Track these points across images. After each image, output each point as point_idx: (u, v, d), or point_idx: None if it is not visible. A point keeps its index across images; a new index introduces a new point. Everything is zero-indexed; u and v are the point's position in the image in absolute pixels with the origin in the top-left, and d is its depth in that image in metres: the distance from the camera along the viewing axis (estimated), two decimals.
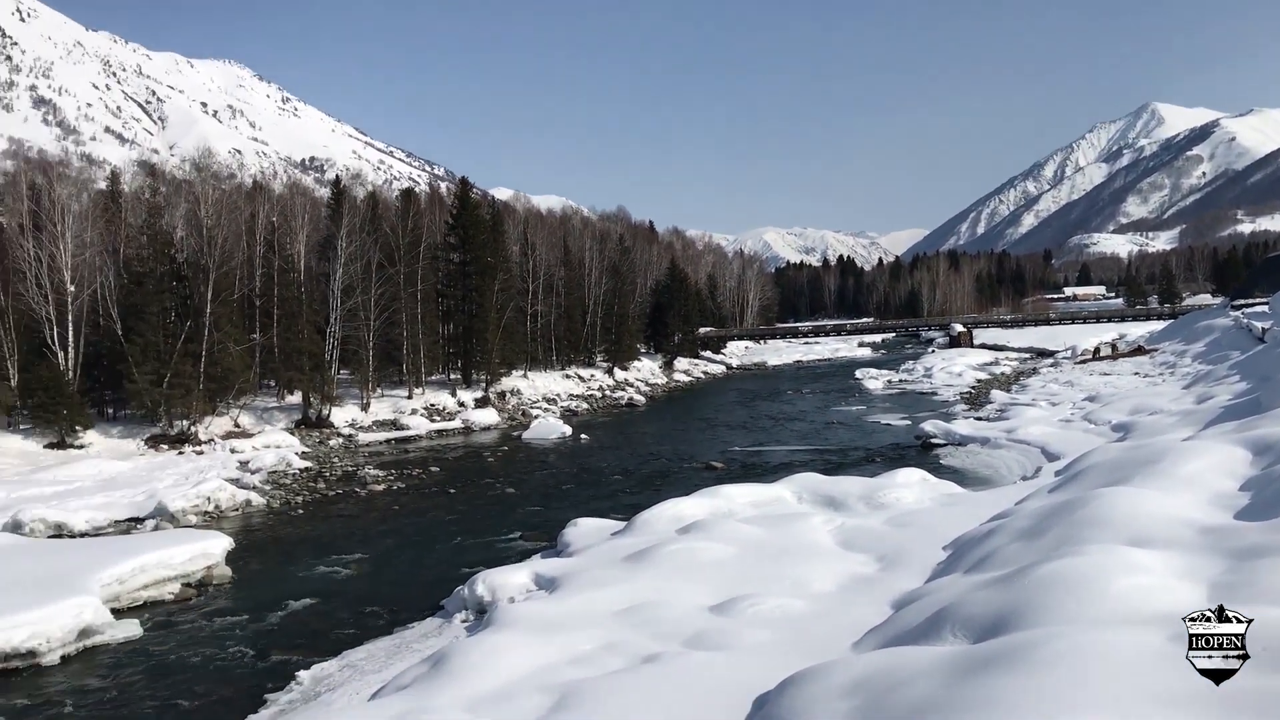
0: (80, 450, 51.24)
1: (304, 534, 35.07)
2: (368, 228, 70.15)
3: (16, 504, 37.35)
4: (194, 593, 26.83)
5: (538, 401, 77.52)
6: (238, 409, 58.94)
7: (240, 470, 47.36)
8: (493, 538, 33.16)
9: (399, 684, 16.74)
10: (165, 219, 64.01)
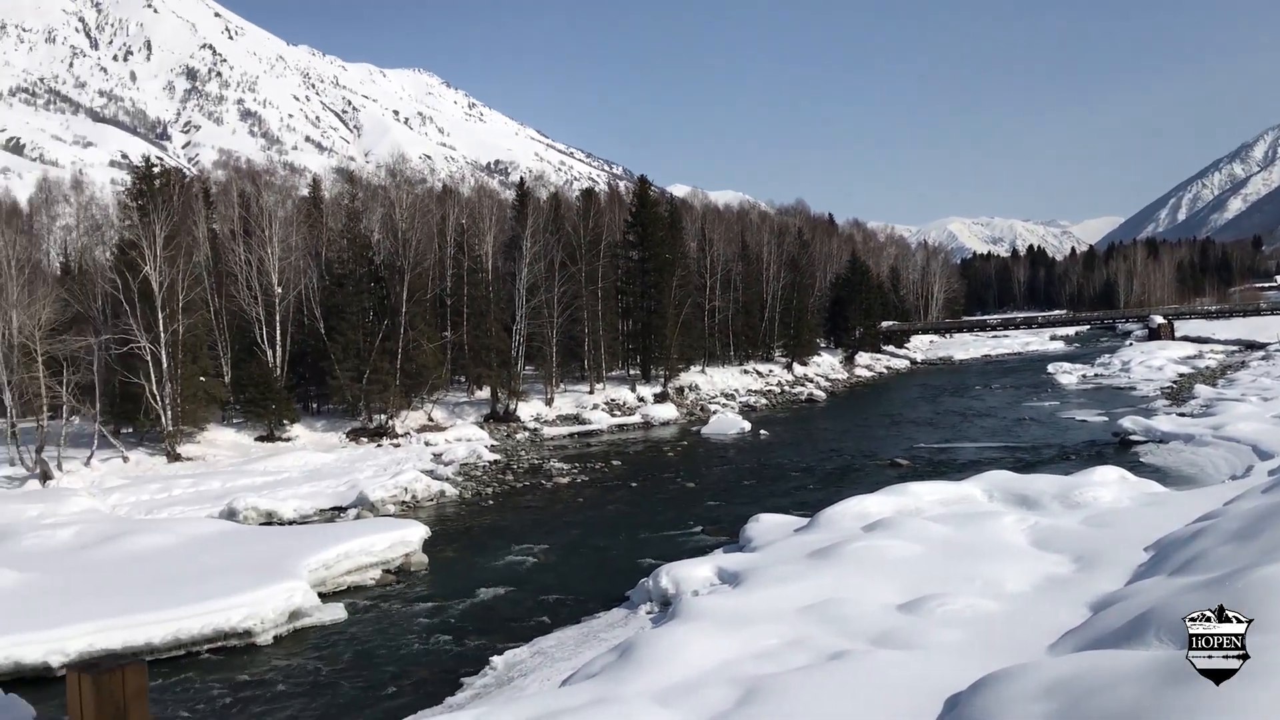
0: (287, 443, 54.35)
1: (494, 524, 36.25)
2: (550, 228, 71.81)
3: (231, 493, 39.96)
4: (394, 579, 28.12)
5: (716, 397, 77.72)
6: (431, 404, 61.35)
7: (434, 462, 49.28)
8: (674, 531, 33.51)
9: (588, 672, 17.16)
10: (363, 223, 67.23)
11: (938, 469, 43.29)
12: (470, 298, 66.98)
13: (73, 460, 45.70)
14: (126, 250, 51.90)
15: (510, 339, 66.15)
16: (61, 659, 20.30)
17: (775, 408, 76.17)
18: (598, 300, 73.04)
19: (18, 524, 32.34)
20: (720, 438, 58.58)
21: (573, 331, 70.88)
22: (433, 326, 63.81)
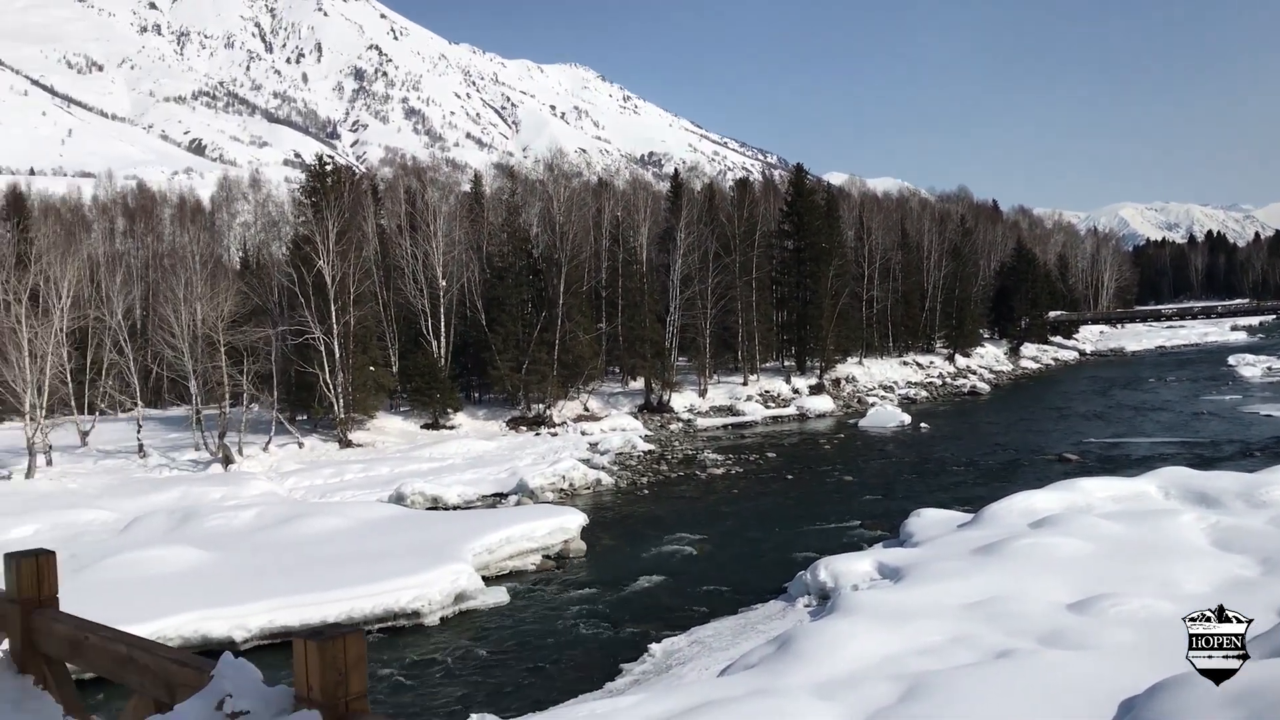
0: (451, 430, 55.99)
1: (649, 513, 36.53)
2: (704, 218, 71.82)
3: (399, 478, 41.39)
4: (553, 564, 28.65)
5: (873, 389, 76.43)
6: (587, 394, 62.24)
7: (590, 451, 49.97)
8: (830, 525, 33.12)
9: (746, 662, 17.11)
10: (522, 217, 68.64)
11: (1109, 465, 41.53)
12: (625, 289, 67.61)
13: (252, 445, 48.12)
14: (301, 245, 54.32)
15: (664, 330, 66.49)
16: (244, 634, 21.41)
17: (936, 400, 74.42)
18: (752, 291, 72.71)
19: (203, 506, 34.27)
20: (878, 430, 57.59)
21: (726, 322, 70.77)
22: (588, 318, 64.65)
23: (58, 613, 4.56)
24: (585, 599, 25.55)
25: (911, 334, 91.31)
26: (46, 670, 4.56)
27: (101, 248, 71.33)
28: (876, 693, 14.09)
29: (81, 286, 51.45)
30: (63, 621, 4.44)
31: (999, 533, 23.86)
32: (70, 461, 45.72)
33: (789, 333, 79.82)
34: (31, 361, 43.70)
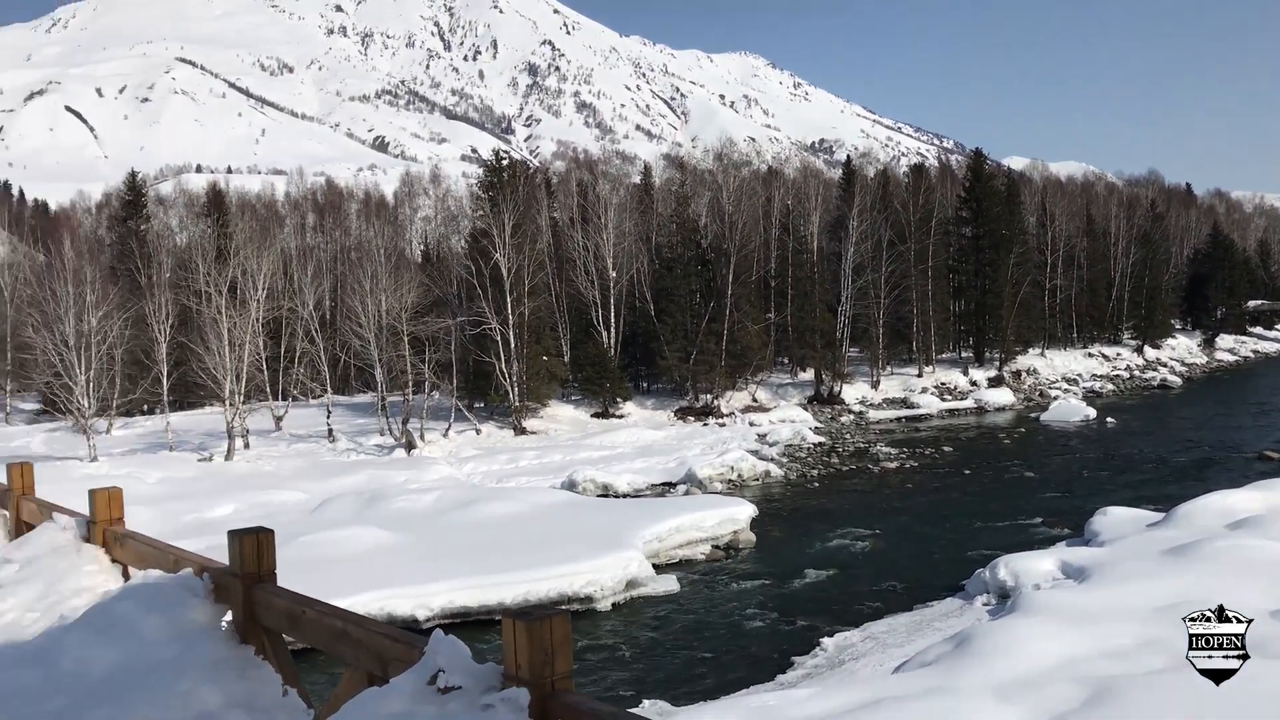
0: (620, 419, 56.73)
1: (820, 506, 36.20)
2: (878, 206, 70.46)
3: (571, 465, 42.20)
4: (722, 554, 28.74)
5: (1056, 382, 73.60)
6: (755, 384, 62.05)
7: (759, 442, 49.82)
8: (1010, 521, 32.12)
9: (922, 660, 16.80)
10: (691, 207, 68.85)
11: None
12: (795, 279, 67.05)
13: (433, 431, 49.90)
14: (479, 238, 55.96)
15: (835, 320, 65.63)
16: (426, 613, 22.27)
17: (1123, 394, 71.15)
18: (927, 280, 70.99)
19: (387, 489, 35.78)
20: (1061, 425, 55.42)
21: (900, 312, 69.31)
22: (757, 308, 64.38)
23: (276, 587, 4.87)
24: (755, 590, 25.54)
25: (1097, 324, 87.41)
26: (266, 641, 4.87)
27: (293, 242, 75.25)
28: (1059, 695, 13.63)
29: (275, 279, 54.27)
30: (281, 596, 4.74)
31: (1193, 533, 22.68)
32: (265, 445, 48.42)
33: (966, 323, 77.63)
34: (231, 350, 46.48)
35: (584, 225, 63.71)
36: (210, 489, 37.51)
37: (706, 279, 62.21)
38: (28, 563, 6.66)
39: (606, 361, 58.06)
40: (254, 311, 49.17)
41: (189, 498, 35.42)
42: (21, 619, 6.09)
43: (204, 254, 52.14)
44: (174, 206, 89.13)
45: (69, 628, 5.40)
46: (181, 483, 39.16)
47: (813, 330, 63.95)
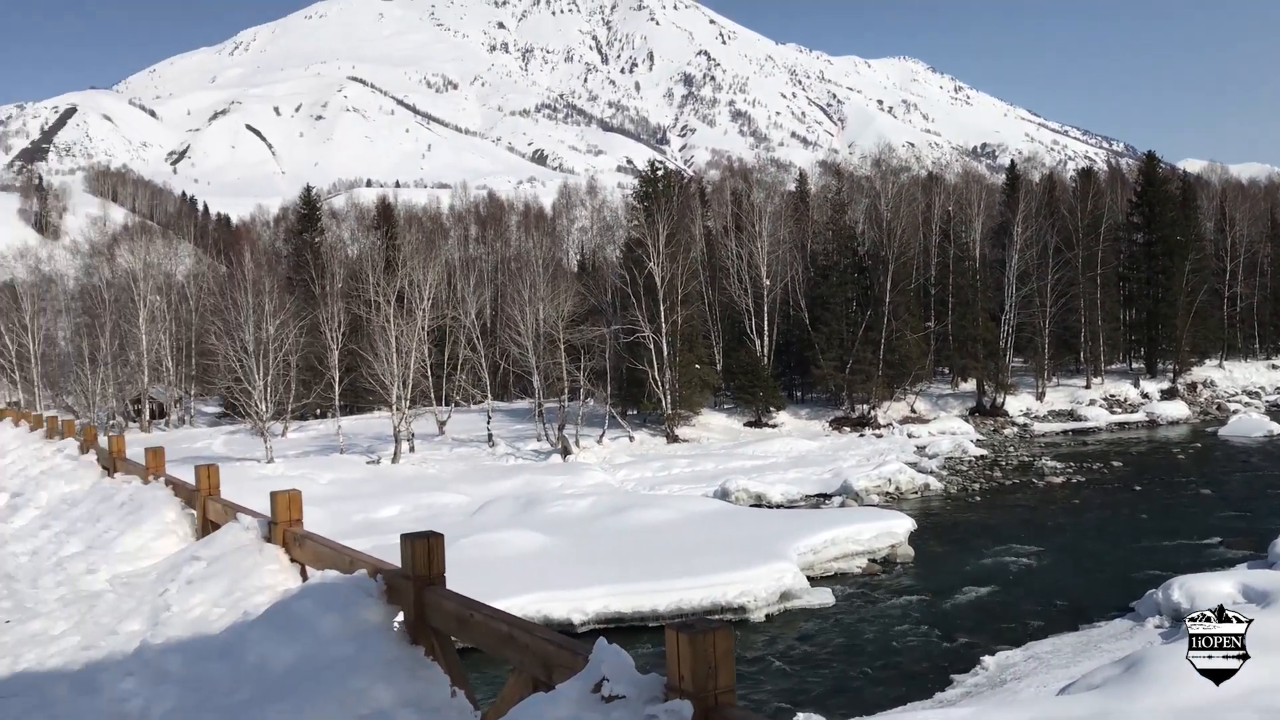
0: (774, 429, 56.40)
1: (981, 521, 35.19)
2: (1043, 211, 68.19)
3: (723, 474, 42.19)
4: (879, 569, 28.22)
5: (1235, 395, 69.68)
6: (914, 395, 60.79)
7: (917, 454, 48.77)
8: (1184, 541, 30.56)
9: (1089, 683, 16.14)
10: (847, 215, 68.01)
11: None
12: (955, 287, 65.39)
13: (587, 438, 50.61)
14: (633, 248, 56.58)
15: (998, 329, 63.75)
16: (581, 617, 22.58)
17: None
18: (1096, 288, 68.26)
19: (544, 493, 36.45)
20: (1241, 440, 52.43)
21: (1067, 321, 66.83)
22: (916, 316, 63.08)
23: (446, 590, 5.05)
24: (913, 605, 25.00)
25: None
26: (435, 643, 5.06)
27: (457, 253, 77.55)
28: None
29: (440, 289, 56.06)
30: (450, 599, 4.91)
31: None
32: (429, 448, 50.00)
33: (1138, 333, 74.30)
34: (398, 357, 48.20)
35: (738, 233, 63.65)
36: (378, 490, 38.95)
37: (863, 287, 61.31)
38: (214, 560, 7.07)
39: (760, 370, 57.82)
40: (420, 320, 50.90)
41: (358, 498, 36.86)
42: (209, 614, 6.47)
43: (374, 265, 54.34)
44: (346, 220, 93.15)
45: (252, 624, 5.71)
46: (351, 484, 40.78)
47: (974, 339, 62.27)
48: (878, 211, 66.17)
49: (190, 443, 53.67)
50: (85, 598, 7.91)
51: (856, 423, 57.26)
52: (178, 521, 9.38)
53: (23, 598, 8.49)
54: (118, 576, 8.25)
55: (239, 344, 49.25)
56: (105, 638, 6.85)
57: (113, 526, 9.68)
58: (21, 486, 14.32)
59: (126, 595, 7.55)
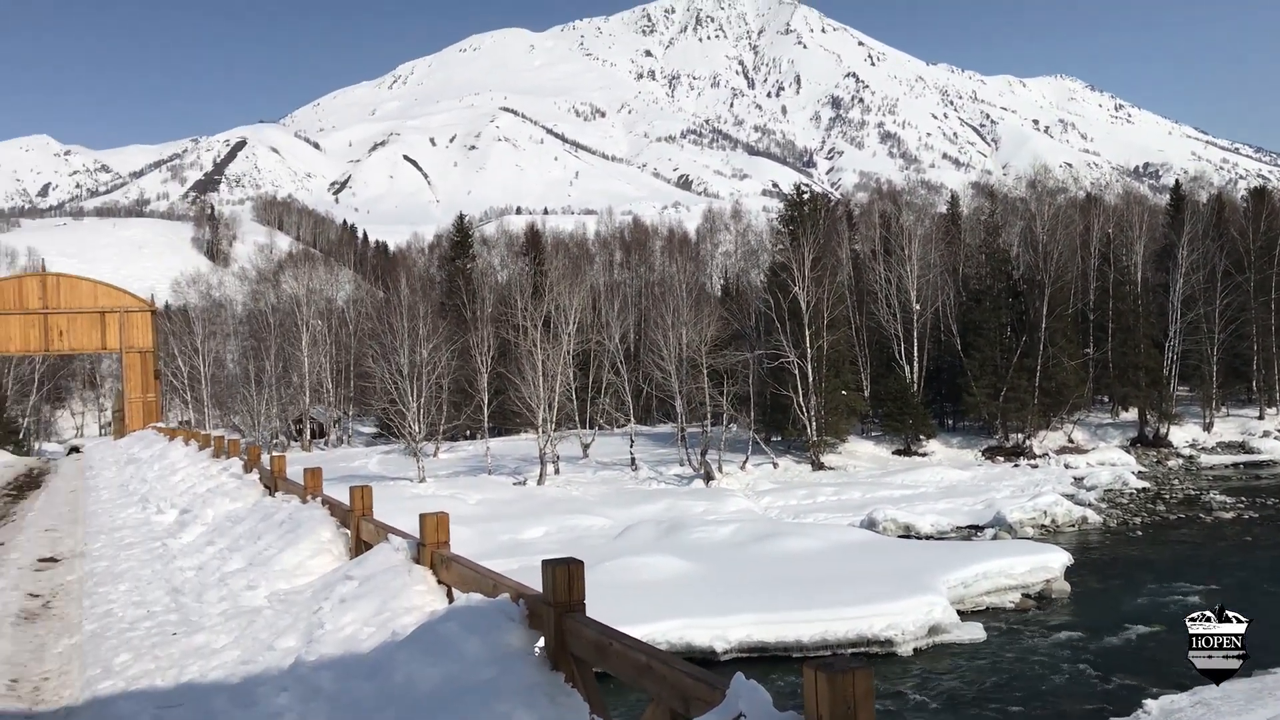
0: (923, 457, 55.11)
1: (1142, 556, 33.61)
2: (1211, 233, 65.08)
3: (871, 504, 41.41)
4: (1033, 604, 27.21)
5: None
6: (1071, 424, 58.60)
7: (1074, 486, 46.99)
8: None
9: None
10: (1001, 237, 66.21)
11: None
12: (1116, 312, 62.84)
13: (730, 463, 50.40)
14: (778, 272, 56.31)
15: (1161, 356, 60.98)
16: (724, 645, 22.42)
17: None
18: (1270, 313, 64.66)
19: (687, 518, 36.44)
20: None
21: (1238, 349, 63.49)
22: (1073, 343, 60.87)
23: (585, 617, 5.07)
24: (1069, 643, 24.00)
25: None
26: (575, 670, 5.08)
27: (602, 278, 78.59)
28: None
29: (585, 313, 56.83)
30: (590, 626, 4.93)
31: None
32: (574, 471, 50.61)
33: None
34: (544, 380, 49.01)
35: (886, 257, 62.65)
36: (524, 511, 39.62)
37: (1018, 312, 59.48)
38: (365, 580, 7.29)
39: (909, 397, 56.64)
40: (565, 344, 51.70)
41: (505, 519, 37.56)
42: (359, 633, 6.66)
43: (522, 290, 55.48)
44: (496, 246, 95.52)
45: (400, 644, 5.86)
46: (498, 504, 41.59)
47: (1136, 367, 59.69)
48: (1033, 234, 64.21)
49: (347, 462, 55.64)
50: (245, 613, 8.27)
51: (1010, 452, 55.49)
52: (333, 540, 9.72)
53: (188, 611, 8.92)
54: (276, 593, 8.60)
55: (394, 367, 50.92)
56: (262, 653, 7.14)
57: (272, 544, 10.10)
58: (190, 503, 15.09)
59: (283, 612, 7.85)
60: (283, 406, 71.55)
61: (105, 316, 52.97)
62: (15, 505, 20.76)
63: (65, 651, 8.34)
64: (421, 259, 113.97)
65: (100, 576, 11.35)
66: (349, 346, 73.80)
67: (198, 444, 24.11)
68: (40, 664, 8.06)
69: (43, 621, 9.51)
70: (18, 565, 12.70)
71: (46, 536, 15.28)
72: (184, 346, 74.08)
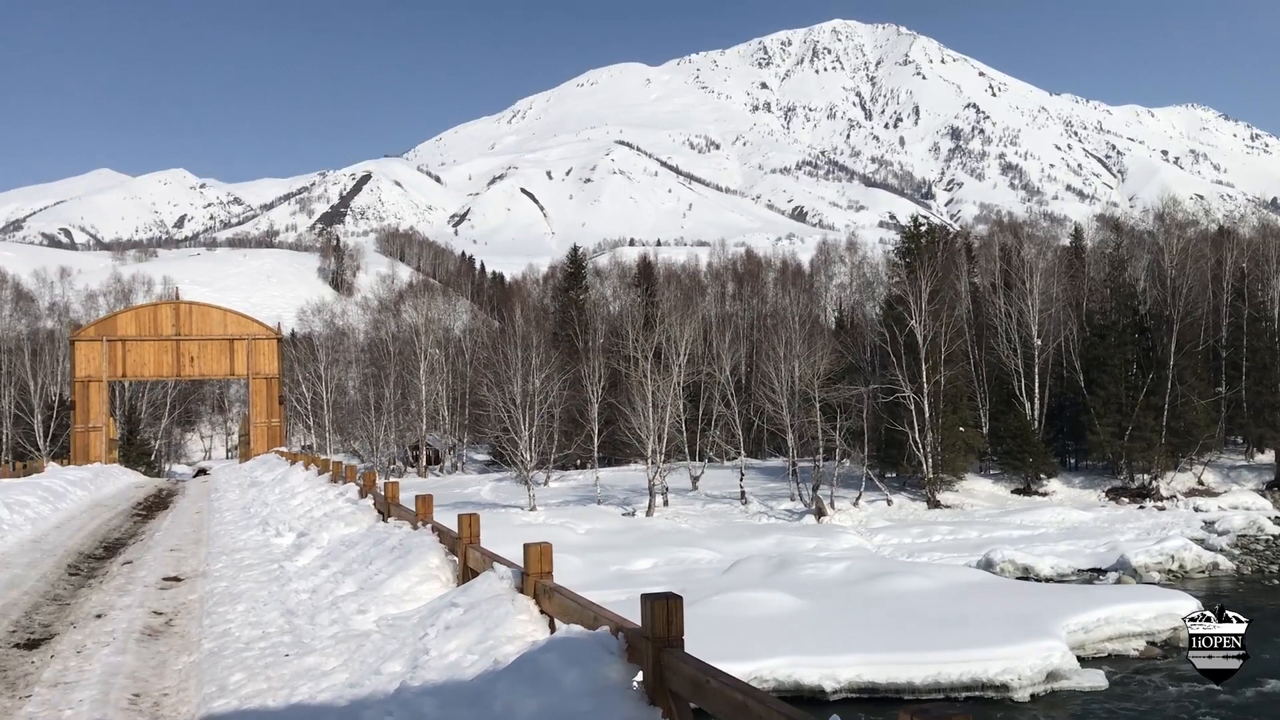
0: (1043, 497, 53.46)
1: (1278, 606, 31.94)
2: None
3: (988, 543, 40.30)
4: (1159, 652, 26.08)
5: None
6: (1201, 465, 56.21)
7: (1204, 530, 45.03)
8: None
9: None
10: (1127, 271, 64.18)
11: None
12: (1251, 349, 60.21)
13: (843, 499, 49.66)
14: (894, 305, 55.49)
15: None
16: (833, 685, 22.02)
17: None
18: None
19: (797, 554, 35.99)
20: None
21: None
22: (1204, 381, 58.47)
23: (684, 653, 5.02)
24: (1197, 694, 22.90)
25: None
26: (672, 705, 5.03)
27: (713, 309, 78.57)
28: None
29: (696, 345, 56.87)
30: (688, 662, 4.88)
31: None
32: (683, 503, 50.48)
33: None
34: (654, 411, 49.11)
35: (1006, 290, 61.21)
36: (632, 542, 39.64)
37: (1144, 348, 57.46)
38: (470, 608, 7.36)
39: (1029, 434, 55.06)
40: (676, 375, 51.73)
41: (613, 549, 37.63)
42: (462, 660, 6.72)
43: (633, 321, 55.82)
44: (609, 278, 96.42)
45: (501, 673, 5.89)
46: (607, 534, 41.70)
47: (1273, 407, 57.06)
48: (1161, 268, 62.07)
49: (461, 488, 56.55)
50: (355, 637, 8.43)
51: (1135, 494, 53.46)
52: (440, 567, 9.86)
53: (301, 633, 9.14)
54: (384, 618, 8.75)
55: (508, 395, 51.64)
56: (369, 677, 7.26)
57: (383, 569, 10.29)
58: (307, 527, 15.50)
59: (391, 636, 7.98)
60: (400, 433, 73.19)
61: (234, 343, 54.99)
62: (144, 525, 21.60)
63: (184, 669, 8.62)
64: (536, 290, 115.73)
65: (220, 596, 11.71)
66: (465, 375, 75.19)
67: (317, 469, 24.78)
68: (161, 680, 8.34)
69: (164, 639, 9.85)
70: (144, 583, 13.20)
71: (171, 556, 15.85)
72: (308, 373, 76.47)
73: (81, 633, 10.22)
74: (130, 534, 19.68)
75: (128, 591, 12.58)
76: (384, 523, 13.40)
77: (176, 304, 59.53)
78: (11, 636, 10.14)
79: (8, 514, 18.96)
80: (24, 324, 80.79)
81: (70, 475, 30.96)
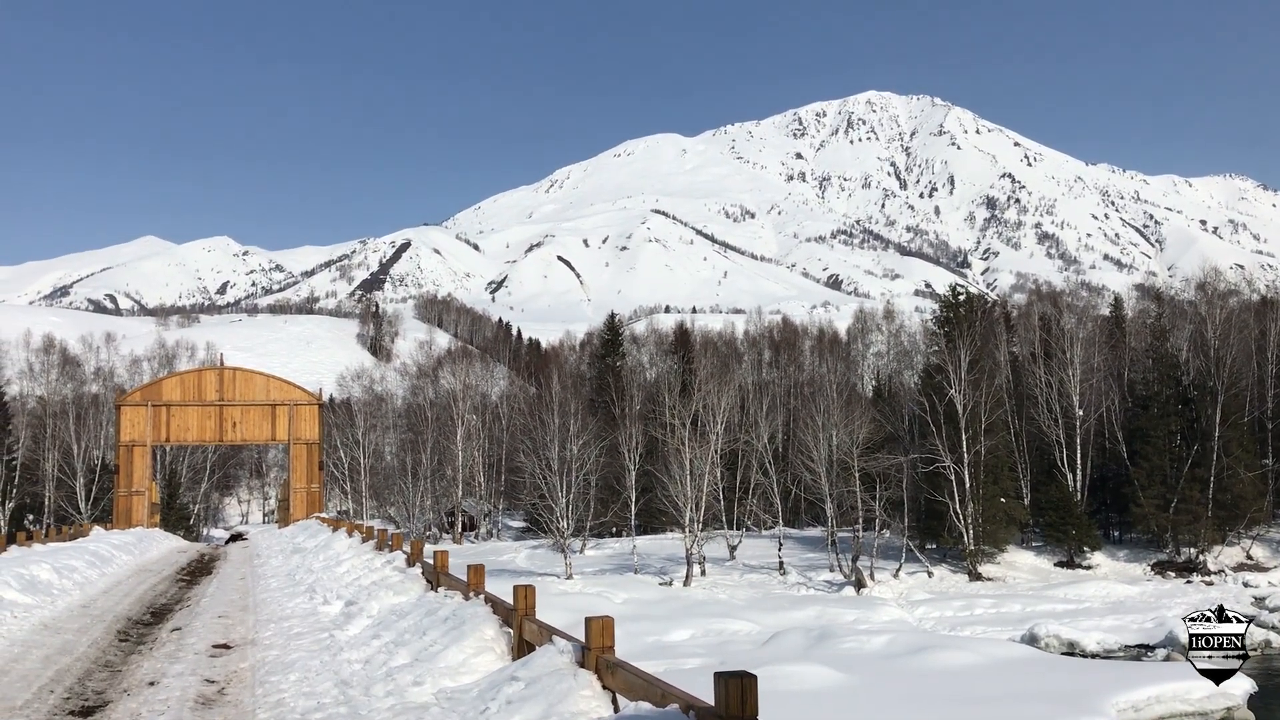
0: (1087, 570, 52.53)
1: None
2: None
3: (1032, 618, 39.58)
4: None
5: None
6: (1249, 539, 55.12)
7: (1255, 606, 44.03)
8: None
9: None
10: (1169, 342, 63.59)
11: None
12: None
13: (883, 571, 49.04)
14: (933, 374, 55.23)
15: None
16: None
17: None
18: None
19: (837, 627, 35.50)
20: None
21: None
22: (1251, 453, 57.45)
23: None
24: None
25: None
26: None
27: (750, 377, 78.44)
28: None
29: (733, 412, 56.70)
30: None
31: None
32: (720, 573, 50.02)
33: None
34: (691, 479, 48.89)
35: (1046, 360, 60.78)
36: (669, 612, 39.26)
37: (1188, 419, 56.72)
38: (531, 682, 7.36)
39: (1072, 506, 54.31)
40: (713, 443, 51.58)
41: (650, 619, 37.28)
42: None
43: (670, 388, 55.83)
44: (645, 345, 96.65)
45: None
46: (644, 604, 41.33)
47: None
48: (1203, 338, 61.46)
49: (496, 555, 56.35)
50: (413, 709, 8.43)
51: (1182, 568, 52.44)
52: (495, 639, 9.86)
53: (357, 704, 9.15)
54: (442, 690, 8.75)
55: (544, 462, 51.63)
56: None
57: (437, 640, 10.30)
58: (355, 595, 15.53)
59: (450, 709, 7.98)
60: (436, 499, 73.23)
61: (276, 409, 55.52)
62: (190, 590, 21.72)
63: None
64: (573, 356, 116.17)
65: (271, 665, 11.75)
66: (501, 441, 75.34)
67: (360, 535, 24.85)
68: None
69: (219, 708, 9.88)
70: (194, 650, 13.27)
71: (219, 623, 15.92)
72: (346, 438, 76.91)
73: (135, 700, 10.28)
74: (176, 599, 19.80)
75: (178, 659, 12.65)
76: (434, 592, 13.41)
77: (220, 369, 60.26)
78: (66, 704, 10.23)
79: (57, 579, 19.17)
80: (69, 388, 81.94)
81: (115, 539, 31.25)
